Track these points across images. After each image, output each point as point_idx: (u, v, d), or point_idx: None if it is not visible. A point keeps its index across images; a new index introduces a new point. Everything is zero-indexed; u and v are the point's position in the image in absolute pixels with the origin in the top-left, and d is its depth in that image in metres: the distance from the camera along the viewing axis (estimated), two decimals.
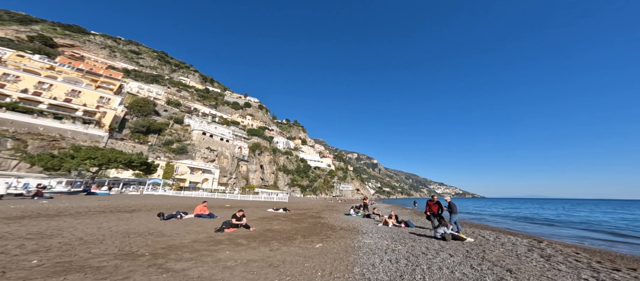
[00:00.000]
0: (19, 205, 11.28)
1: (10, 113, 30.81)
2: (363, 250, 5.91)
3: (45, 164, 23.11)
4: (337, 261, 4.76)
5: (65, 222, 7.42)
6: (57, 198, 15.89)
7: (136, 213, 10.40)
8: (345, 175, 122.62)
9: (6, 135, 28.32)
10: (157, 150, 46.39)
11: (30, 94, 36.35)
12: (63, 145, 31.56)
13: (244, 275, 3.69)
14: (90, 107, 40.84)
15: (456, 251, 6.10)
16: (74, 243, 4.99)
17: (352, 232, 8.70)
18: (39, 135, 31.33)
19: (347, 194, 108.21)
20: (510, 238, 9.20)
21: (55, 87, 39.96)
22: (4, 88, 34.65)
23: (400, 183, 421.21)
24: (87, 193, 21.37)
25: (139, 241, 5.48)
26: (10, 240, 5.06)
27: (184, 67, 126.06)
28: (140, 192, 28.92)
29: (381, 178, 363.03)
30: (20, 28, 78.17)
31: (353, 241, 6.91)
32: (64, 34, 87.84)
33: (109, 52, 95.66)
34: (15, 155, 27.44)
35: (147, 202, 17.24)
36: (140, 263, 3.94)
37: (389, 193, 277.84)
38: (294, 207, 22.58)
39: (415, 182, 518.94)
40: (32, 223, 7.00)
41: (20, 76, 37.48)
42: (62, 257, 4.07)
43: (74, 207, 11.72)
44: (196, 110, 79.89)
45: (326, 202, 42.13)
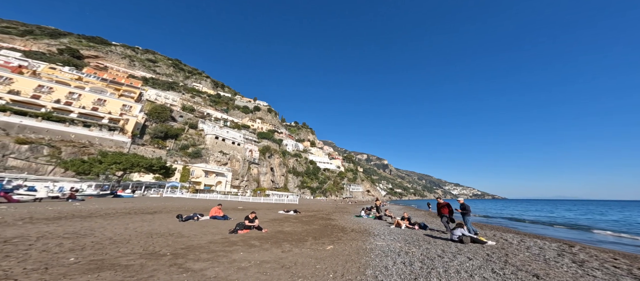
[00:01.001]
0: (55, 206, 12.38)
1: (46, 123, 33.92)
2: (375, 252, 5.84)
3: (77, 169, 25.21)
4: (349, 263, 4.75)
5: (96, 223, 8.04)
6: (88, 201, 17.17)
7: (157, 215, 11.01)
8: (355, 176, 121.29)
9: (43, 142, 31.20)
10: (175, 154, 48.75)
11: (62, 104, 39.78)
12: (92, 151, 34.17)
13: (257, 275, 3.79)
14: (114, 115, 43.93)
15: (475, 255, 5.84)
16: (104, 243, 5.40)
17: (363, 234, 8.60)
18: (71, 142, 34.17)
19: (358, 196, 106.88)
20: (537, 241, 8.66)
21: (83, 96, 43.41)
22: (40, 99, 38.18)
23: (413, 184, 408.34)
24: (114, 195, 22.96)
25: (161, 242, 5.81)
26: (51, 238, 5.58)
27: (197, 74, 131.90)
28: (160, 194, 30.52)
29: (392, 179, 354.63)
30: (50, 42, 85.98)
31: (365, 244, 6.85)
32: (89, 46, 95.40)
33: (129, 61, 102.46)
34: (51, 161, 30.14)
35: (167, 204, 18.14)
36: (162, 263, 4.19)
37: (400, 194, 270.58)
38: (304, 208, 22.68)
39: (429, 182, 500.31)
40: (68, 224, 7.66)
41: (53, 87, 41.05)
42: (95, 255, 4.43)
43: (103, 208, 12.64)
44: (209, 115, 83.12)
45: (336, 204, 41.89)
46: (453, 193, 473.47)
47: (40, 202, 14.21)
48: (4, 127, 29.83)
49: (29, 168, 28.48)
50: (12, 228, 6.66)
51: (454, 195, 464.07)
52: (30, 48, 75.73)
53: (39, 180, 23.23)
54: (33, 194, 15.97)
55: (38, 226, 6.96)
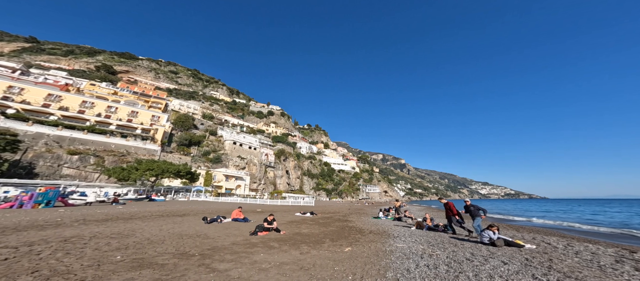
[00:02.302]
0: (103, 209, 14.00)
1: (91, 135, 38.48)
2: (395, 254, 5.69)
3: (118, 176, 28.30)
4: (368, 265, 4.69)
5: (136, 224, 8.95)
6: (128, 204, 19.03)
7: (186, 217, 11.89)
8: (371, 177, 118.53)
9: (89, 153, 35.45)
10: (198, 160, 52.08)
11: (102, 117, 44.80)
12: (129, 159, 37.98)
13: (277, 277, 3.90)
14: (145, 125, 48.39)
15: (511, 259, 5.38)
16: (143, 243, 5.99)
17: (382, 236, 8.43)
18: (112, 151, 38.35)
19: (375, 197, 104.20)
20: (588, 246, 7.73)
21: (119, 109, 48.40)
22: (84, 113, 43.41)
23: (434, 183, 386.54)
24: (149, 199, 25.22)
25: (190, 243, 6.27)
26: (101, 238, 6.36)
27: (214, 82, 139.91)
28: (187, 198, 32.78)
29: (411, 179, 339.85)
30: (88, 60, 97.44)
31: (384, 245, 6.71)
32: (120, 61, 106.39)
33: (154, 74, 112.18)
34: (97, 169, 34.10)
35: (193, 207, 19.44)
36: (192, 262, 4.52)
37: (421, 194, 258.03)
38: (320, 210, 22.76)
39: (453, 182, 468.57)
40: (113, 225, 8.64)
41: (94, 102, 46.16)
42: (137, 254, 4.94)
43: (141, 211, 13.98)
44: (227, 121, 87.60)
45: (352, 205, 41.35)
46: (481, 193, 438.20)
47: (90, 205, 16.18)
48: (57, 140, 34.49)
49: (80, 176, 32.53)
50: (69, 228, 7.71)
51: (483, 194, 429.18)
52: (73, 67, 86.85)
53: (88, 186, 26.48)
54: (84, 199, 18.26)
55: (90, 227, 7.96)
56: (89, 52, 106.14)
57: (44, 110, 38.99)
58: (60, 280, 3.39)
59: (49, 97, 41.07)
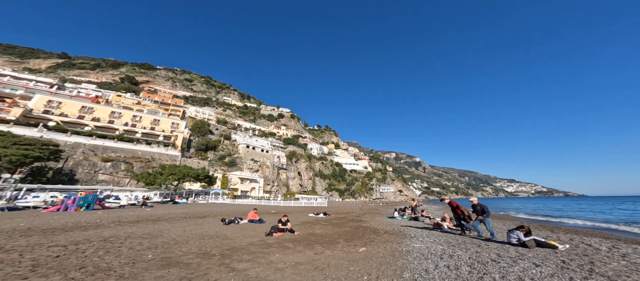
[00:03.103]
0: (134, 212, 15.25)
1: (120, 143, 41.91)
2: (413, 254, 5.59)
3: (145, 180, 30.63)
4: (384, 265, 4.65)
5: (163, 226, 9.64)
6: (155, 207, 20.52)
7: (206, 219, 12.56)
8: (385, 176, 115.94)
9: (120, 159, 38.66)
10: (215, 164, 54.53)
11: (129, 126, 48.55)
12: (154, 164, 40.85)
13: (293, 277, 3.99)
14: (167, 132, 51.68)
15: (545, 261, 5.04)
16: (170, 243, 6.46)
17: (398, 236, 8.29)
18: (139, 158, 41.47)
19: (389, 196, 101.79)
20: (637, 248, 7.02)
21: (143, 118, 52.09)
22: (114, 123, 47.34)
23: (453, 181, 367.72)
24: (173, 202, 26.99)
25: (211, 243, 6.63)
26: (134, 238, 6.96)
27: (225, 88, 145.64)
28: (207, 200, 34.52)
29: (427, 178, 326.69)
30: (114, 72, 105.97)
31: (400, 246, 6.60)
32: (141, 72, 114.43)
33: (172, 83, 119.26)
34: (127, 175, 37.09)
35: (212, 209, 20.43)
36: (213, 262, 4.79)
37: (439, 193, 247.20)
38: (333, 211, 22.75)
39: (474, 179, 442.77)
40: (144, 226, 9.40)
41: (121, 113, 50.04)
42: (165, 254, 5.36)
43: (167, 213, 14.99)
44: (239, 125, 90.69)
45: (366, 205, 40.74)
46: (507, 191, 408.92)
47: (123, 208, 17.71)
48: (92, 148, 38.05)
49: (113, 181, 35.61)
50: (107, 229, 8.53)
51: (509, 192, 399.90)
52: (101, 79, 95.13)
53: (121, 190, 28.96)
54: (118, 202, 20.00)
55: (124, 228, 8.75)
56: (113, 65, 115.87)
57: (79, 122, 43.20)
58: (103, 276, 3.80)
59: (82, 109, 45.43)
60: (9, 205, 15.22)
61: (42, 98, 42.24)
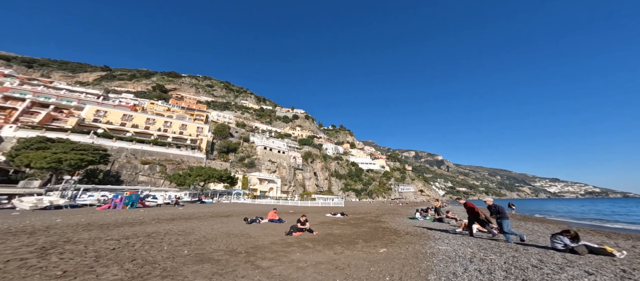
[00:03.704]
0: (169, 210, 16.92)
1: (155, 147, 46.46)
2: (438, 257, 5.40)
3: (176, 181, 33.67)
4: (407, 267, 4.56)
5: (194, 224, 10.55)
6: (186, 206, 22.39)
7: (231, 218, 13.42)
8: (404, 175, 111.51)
9: (155, 162, 42.91)
10: (236, 165, 57.58)
11: (162, 131, 53.64)
12: (183, 166, 44.61)
13: (314, 276, 4.10)
14: (193, 136, 55.99)
15: (600, 269, 4.49)
16: (201, 240, 7.07)
17: (420, 238, 8.04)
18: (170, 160, 45.60)
19: (409, 196, 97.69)
20: None
21: (173, 124, 57.12)
22: (149, 129, 52.66)
23: (482, 181, 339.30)
24: (200, 202, 29.22)
25: (236, 241, 7.10)
26: (171, 235, 7.77)
27: (243, 92, 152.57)
28: (230, 200, 36.71)
29: (451, 177, 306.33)
30: (147, 81, 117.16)
31: (423, 248, 6.40)
32: (169, 80, 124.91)
33: (195, 89, 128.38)
34: (162, 176, 41.06)
35: (235, 208, 21.67)
36: (240, 259, 5.15)
37: (466, 194, 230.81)
38: (350, 211, 22.62)
39: (507, 178, 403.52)
40: (179, 224, 10.40)
41: (155, 119, 55.52)
42: (198, 250, 5.90)
43: (196, 212, 16.31)
44: (257, 128, 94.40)
45: (385, 206, 39.67)
46: (549, 191, 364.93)
47: (160, 207, 19.75)
48: (133, 153, 42.78)
49: (150, 182, 39.71)
50: (150, 226, 9.63)
51: (552, 193, 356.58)
52: (137, 89, 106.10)
53: (157, 190, 32.23)
54: (155, 201, 22.37)
55: (163, 225, 9.79)
56: (146, 75, 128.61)
57: (121, 128, 48.87)
58: (150, 269, 4.36)
59: (124, 117, 51.30)
60: (70, 202, 17.93)
61: (91, 109, 48.69)
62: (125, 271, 4.11)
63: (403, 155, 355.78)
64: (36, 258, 4.83)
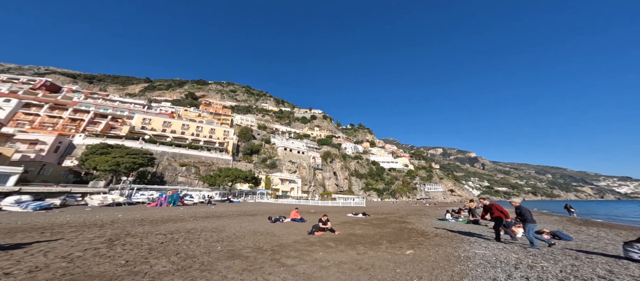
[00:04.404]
0: (203, 209, 18.75)
1: (190, 150, 51.56)
2: (474, 261, 5.05)
3: (209, 182, 36.99)
4: (437, 270, 4.36)
5: (225, 222, 11.55)
6: (217, 205, 24.48)
7: (256, 217, 14.32)
8: (430, 174, 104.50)
9: (190, 164, 47.70)
10: (259, 166, 60.66)
11: (195, 136, 59.23)
12: (213, 168, 48.72)
13: (338, 275, 4.17)
14: (221, 140, 60.65)
15: None
16: (231, 237, 7.72)
17: (452, 240, 7.66)
18: (203, 162, 50.20)
19: (437, 196, 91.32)
20: None
21: (203, 128, 62.57)
22: (184, 134, 58.56)
23: (527, 179, 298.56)
24: (229, 201, 31.60)
25: (262, 239, 7.57)
26: (206, 231, 8.65)
27: (263, 95, 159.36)
28: (254, 200, 38.88)
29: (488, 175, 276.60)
30: (180, 90, 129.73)
31: (456, 250, 6.07)
32: (198, 88, 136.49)
33: (221, 95, 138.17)
34: (196, 177, 45.49)
35: (260, 208, 22.93)
36: (266, 257, 5.50)
37: (506, 193, 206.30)
38: (372, 211, 22.23)
39: (562, 177, 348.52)
40: (212, 221, 11.50)
41: (188, 125, 61.47)
42: (229, 246, 6.48)
43: (226, 211, 17.76)
44: (277, 129, 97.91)
45: (409, 206, 37.95)
46: (619, 191, 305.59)
47: (195, 205, 21.98)
48: (173, 156, 48.17)
49: (187, 182, 44.30)
50: (189, 222, 10.85)
51: (623, 194, 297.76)
52: (172, 97, 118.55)
53: (193, 190, 35.89)
54: (192, 200, 24.93)
55: (199, 222, 10.94)
56: (179, 83, 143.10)
57: (163, 134, 55.35)
58: (191, 262, 4.97)
59: (164, 123, 57.99)
60: (128, 200, 21.06)
61: (139, 117, 56.13)
62: (172, 264, 4.77)
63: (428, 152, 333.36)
64: (106, 248, 5.88)
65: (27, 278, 3.74)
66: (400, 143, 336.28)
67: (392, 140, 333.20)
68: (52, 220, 10.13)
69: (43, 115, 46.41)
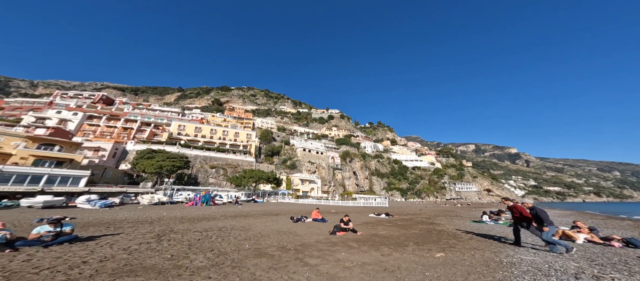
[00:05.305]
0: (231, 208, 20.23)
1: (217, 153, 55.87)
2: (520, 267, 4.57)
3: (235, 183, 39.70)
4: (473, 275, 4.05)
5: (251, 221, 12.27)
6: (243, 205, 26.04)
7: (279, 216, 14.90)
8: (461, 172, 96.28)
9: (219, 166, 51.73)
10: (280, 167, 62.86)
11: (221, 140, 63.97)
12: (239, 169, 52.09)
13: (361, 276, 4.11)
14: (244, 142, 64.43)
15: None
16: (257, 236, 8.17)
17: (491, 244, 7.05)
18: (229, 164, 54.01)
19: (470, 196, 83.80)
20: None
21: (229, 132, 67.17)
22: (212, 138, 63.61)
23: (587, 178, 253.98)
24: (254, 201, 33.47)
25: (286, 238, 7.84)
26: (235, 230, 9.31)
27: (281, 97, 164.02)
28: (277, 200, 40.50)
29: (535, 173, 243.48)
30: (207, 97, 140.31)
31: (497, 255, 5.59)
32: (222, 94, 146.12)
33: (242, 100, 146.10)
34: (224, 178, 49.19)
35: (282, 207, 23.76)
36: (290, 256, 5.68)
37: (560, 194, 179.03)
38: (396, 212, 21.47)
39: (634, 174, 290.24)
40: (240, 220, 12.33)
41: (216, 129, 66.59)
42: (256, 245, 6.87)
43: (252, 210, 18.85)
44: (295, 131, 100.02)
45: (438, 207, 35.61)
46: None
47: (225, 205, 23.81)
48: (204, 159, 52.81)
49: (217, 183, 48.20)
50: (220, 221, 11.81)
51: None
52: (201, 104, 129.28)
53: (222, 190, 38.96)
54: (222, 200, 27.10)
55: (228, 221, 11.84)
56: (206, 91, 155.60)
57: (195, 139, 60.96)
58: (223, 259, 5.41)
59: (196, 129, 63.83)
60: (170, 200, 23.81)
61: (175, 124, 62.75)
62: (208, 259, 5.27)
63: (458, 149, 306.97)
64: (155, 242, 6.77)
65: (99, 266, 4.54)
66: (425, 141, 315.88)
67: (415, 137, 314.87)
68: (114, 216, 12.00)
69: (102, 125, 54.93)
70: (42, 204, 15.53)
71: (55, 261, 4.69)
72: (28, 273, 4.04)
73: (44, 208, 15.13)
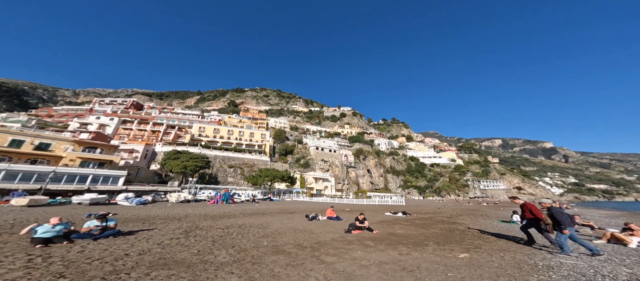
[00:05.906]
0: (249, 206, 21.14)
1: (235, 153, 58.43)
2: (560, 271, 4.25)
3: (252, 182, 41.36)
4: (503, 278, 3.82)
5: (268, 219, 12.74)
6: (260, 203, 26.97)
7: (294, 214, 15.26)
8: (486, 169, 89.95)
9: (236, 166, 54.17)
10: (293, 166, 63.95)
11: (238, 140, 66.70)
12: (255, 169, 54.08)
13: (379, 275, 4.07)
14: (259, 142, 66.55)
15: None
16: (274, 234, 8.48)
17: (523, 245, 6.61)
18: (246, 164, 56.26)
19: (498, 195, 78.13)
20: None
21: (244, 133, 69.77)
22: (230, 139, 66.56)
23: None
24: (270, 199, 34.57)
25: (301, 236, 8.04)
26: (254, 227, 9.75)
27: (293, 97, 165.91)
28: (291, 198, 41.36)
29: (575, 170, 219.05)
30: (223, 99, 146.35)
31: (531, 258, 5.26)
32: (237, 96, 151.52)
33: (256, 101, 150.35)
34: (242, 177, 51.45)
35: (297, 206, 24.25)
36: (306, 254, 5.83)
37: (607, 192, 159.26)
38: (414, 210, 20.86)
39: None
40: (257, 218, 12.87)
41: (232, 130, 69.50)
42: (273, 242, 7.15)
43: (268, 208, 19.51)
44: (308, 129, 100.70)
45: (460, 205, 33.99)
46: None
47: (243, 203, 24.95)
48: (223, 159, 55.64)
49: (235, 182, 50.58)
50: (239, 218, 12.44)
51: None
52: (218, 106, 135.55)
53: (240, 189, 40.85)
54: (240, 198, 28.43)
55: (247, 219, 12.42)
56: (222, 93, 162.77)
57: (214, 140, 64.35)
58: (243, 255, 5.74)
59: (214, 130, 67.32)
60: (194, 198, 25.56)
61: (196, 126, 66.80)
62: (230, 255, 5.63)
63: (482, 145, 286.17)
64: (183, 238, 7.37)
65: (138, 259, 5.09)
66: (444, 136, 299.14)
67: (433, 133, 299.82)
68: (148, 213, 13.24)
69: (134, 129, 60.45)
70: (90, 201, 17.63)
71: (103, 253, 5.36)
72: (82, 263, 4.67)
73: (91, 205, 17.17)
